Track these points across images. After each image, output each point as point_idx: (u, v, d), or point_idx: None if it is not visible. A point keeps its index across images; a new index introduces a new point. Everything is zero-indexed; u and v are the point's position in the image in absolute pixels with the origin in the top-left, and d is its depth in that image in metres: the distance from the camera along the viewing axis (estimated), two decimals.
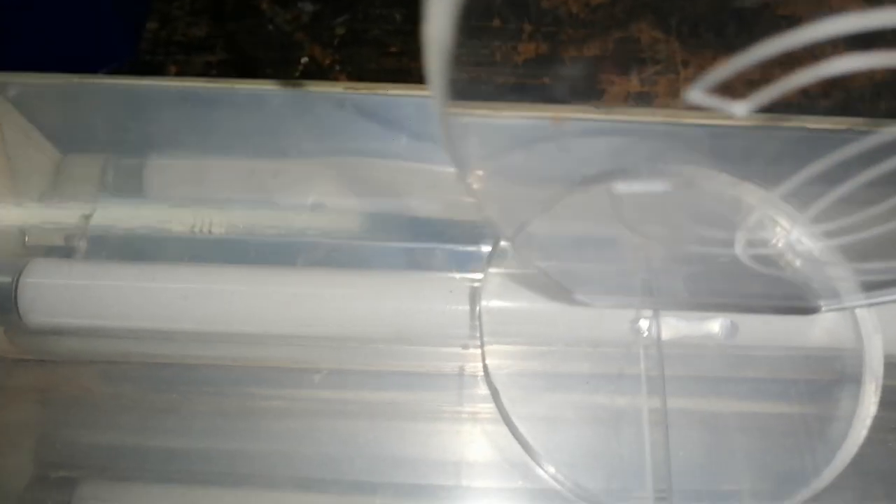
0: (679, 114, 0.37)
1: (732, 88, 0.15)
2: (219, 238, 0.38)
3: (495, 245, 0.33)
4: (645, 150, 0.38)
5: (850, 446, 0.30)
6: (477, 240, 0.36)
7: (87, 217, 0.40)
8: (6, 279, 0.32)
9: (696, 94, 0.16)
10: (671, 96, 0.51)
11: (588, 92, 0.43)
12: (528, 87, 0.50)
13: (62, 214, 0.40)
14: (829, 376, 0.32)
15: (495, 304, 0.31)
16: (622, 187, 0.23)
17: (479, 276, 0.32)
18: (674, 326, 0.31)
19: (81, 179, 0.42)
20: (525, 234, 0.31)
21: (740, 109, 0.15)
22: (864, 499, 0.30)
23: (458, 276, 0.33)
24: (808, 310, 0.30)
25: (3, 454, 0.36)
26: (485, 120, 0.37)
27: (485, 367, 0.31)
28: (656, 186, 0.23)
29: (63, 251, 0.38)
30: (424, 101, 0.37)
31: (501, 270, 0.32)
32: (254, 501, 0.36)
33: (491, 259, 0.33)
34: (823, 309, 0.30)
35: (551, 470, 0.30)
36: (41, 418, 0.38)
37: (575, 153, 0.38)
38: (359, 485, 0.34)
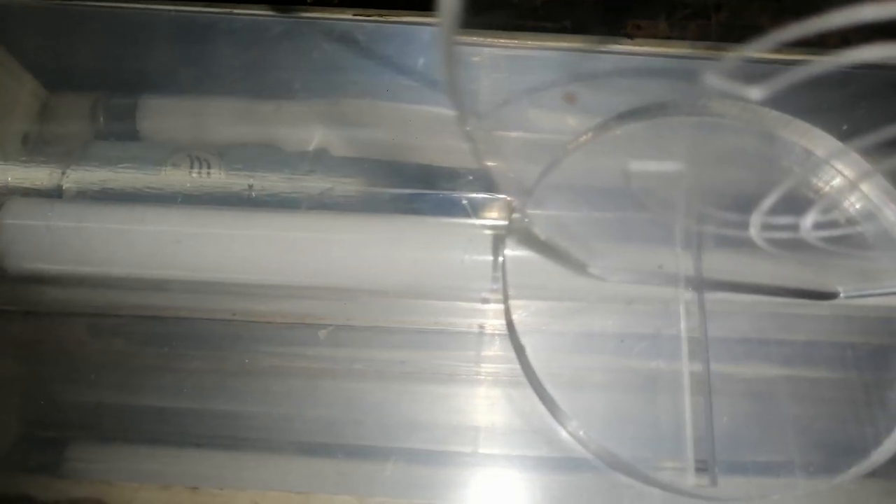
0: (718, 46, 0.34)
1: None
2: (217, 182, 0.35)
3: (521, 191, 0.30)
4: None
5: None
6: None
7: (76, 159, 0.37)
8: None
9: (711, 78, 0.16)
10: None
11: (612, 38, 0.39)
12: (547, 30, 0.46)
13: (48, 156, 0.37)
14: (890, 339, 0.29)
15: (521, 254, 0.28)
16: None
17: (502, 223, 0.29)
18: (718, 281, 0.28)
19: (69, 120, 0.39)
20: (534, 195, 0.28)
21: (755, 94, 0.15)
22: None
23: (478, 222, 0.30)
24: (826, 296, 0.27)
25: None
26: (494, 52, 0.34)
27: (509, 322, 0.28)
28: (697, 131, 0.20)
29: (48, 194, 0.35)
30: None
31: (527, 217, 0.29)
32: (252, 466, 0.33)
33: (516, 206, 0.30)
34: (842, 296, 0.27)
35: (581, 435, 0.27)
36: (27, 373, 0.35)
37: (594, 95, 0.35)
38: (367, 450, 0.31)
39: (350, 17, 0.33)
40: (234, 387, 0.34)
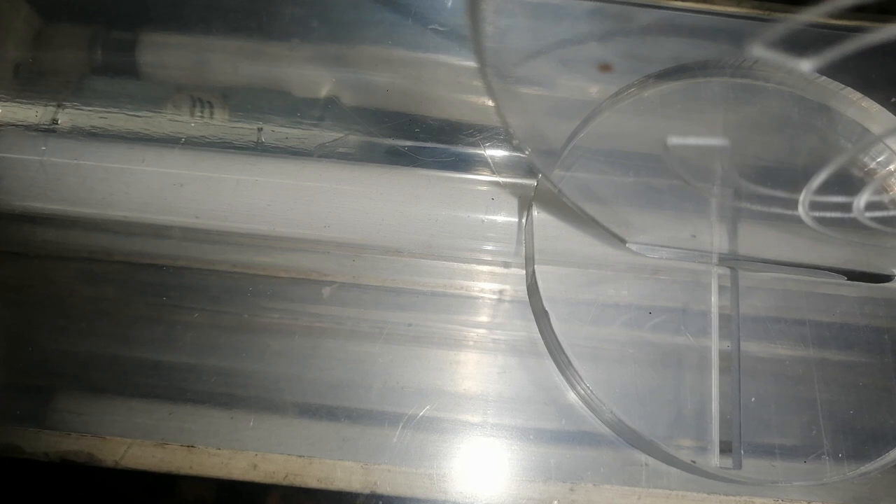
0: (767, 6, 0.32)
1: None
2: (221, 125, 0.33)
3: (548, 153, 0.28)
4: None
5: None
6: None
7: (70, 93, 0.34)
8: None
9: (758, 47, 0.15)
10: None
11: None
12: None
13: (40, 88, 0.35)
14: None
15: (547, 217, 0.27)
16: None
17: (529, 182, 0.27)
18: (755, 258, 0.27)
19: (65, 52, 0.37)
20: (562, 158, 0.26)
21: (806, 66, 0.14)
22: None
23: (502, 181, 0.28)
24: (880, 278, 0.26)
25: None
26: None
27: (531, 287, 0.26)
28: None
29: (39, 130, 0.33)
30: None
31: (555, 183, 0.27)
32: (250, 426, 0.31)
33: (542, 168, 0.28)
34: None
35: (602, 408, 0.26)
36: (14, 319, 0.33)
37: (631, 50, 0.32)
38: (371, 415, 0.30)
39: None
40: (233, 342, 0.32)
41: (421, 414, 0.29)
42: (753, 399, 0.26)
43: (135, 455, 0.25)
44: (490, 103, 0.33)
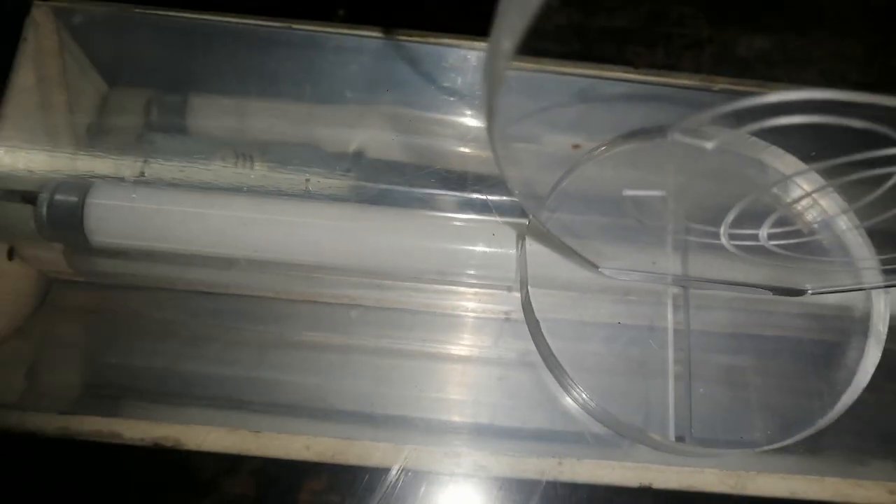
0: (711, 78, 0.39)
1: None
2: (274, 175, 0.40)
3: (536, 197, 0.36)
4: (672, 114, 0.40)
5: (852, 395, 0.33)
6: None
7: (131, 149, 0.41)
8: (73, 198, 0.34)
9: (676, 134, 0.21)
10: (693, 72, 0.52)
11: (615, 63, 0.45)
12: (556, 54, 0.51)
13: (107, 145, 0.41)
14: (837, 336, 0.35)
15: (538, 248, 0.34)
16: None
17: (522, 221, 0.35)
18: (701, 278, 0.34)
19: (127, 113, 0.43)
20: (551, 203, 0.33)
21: (709, 146, 0.21)
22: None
23: (500, 220, 0.35)
24: (796, 292, 0.33)
25: (54, 370, 0.38)
26: (514, 74, 0.39)
27: (525, 304, 0.33)
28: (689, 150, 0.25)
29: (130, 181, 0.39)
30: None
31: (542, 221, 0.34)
32: (287, 428, 0.38)
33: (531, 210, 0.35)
34: (809, 292, 0.33)
35: (588, 404, 0.32)
36: (91, 339, 0.40)
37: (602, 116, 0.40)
38: (392, 420, 0.36)
39: (390, 36, 0.38)
40: (277, 358, 0.39)
41: (436, 418, 0.36)
42: (702, 391, 0.33)
43: (213, 439, 0.31)
44: (487, 155, 0.41)
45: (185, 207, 0.34)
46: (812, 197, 0.31)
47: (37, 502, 0.33)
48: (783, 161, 0.34)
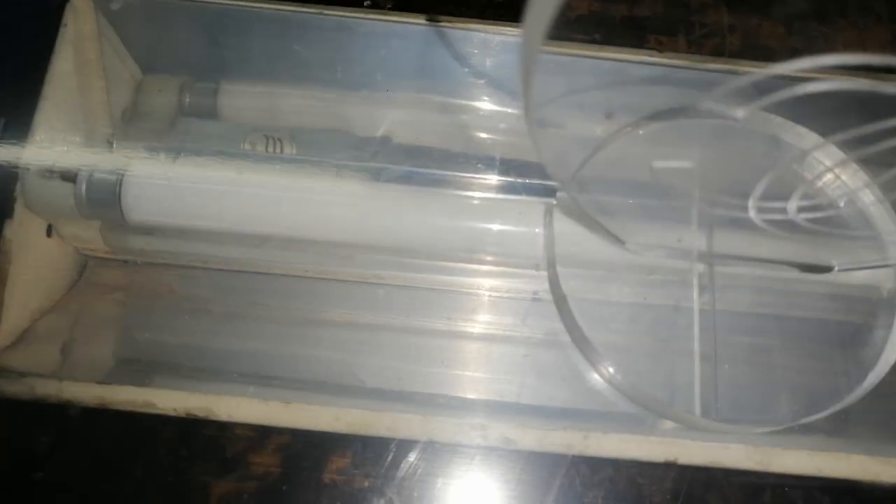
0: (736, 62, 0.40)
1: None
2: (290, 158, 0.40)
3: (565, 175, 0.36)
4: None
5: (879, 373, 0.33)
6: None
7: (164, 133, 0.42)
8: (111, 177, 0.35)
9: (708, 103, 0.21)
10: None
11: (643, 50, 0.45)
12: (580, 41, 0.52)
13: (141, 129, 0.43)
14: (863, 317, 0.35)
15: (565, 226, 0.34)
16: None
17: (549, 200, 0.35)
18: (726, 255, 0.34)
19: (160, 99, 0.44)
20: (579, 181, 0.34)
21: (740, 114, 0.21)
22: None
23: (527, 199, 0.36)
24: (823, 269, 0.33)
25: (88, 345, 0.39)
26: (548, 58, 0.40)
27: (553, 281, 0.34)
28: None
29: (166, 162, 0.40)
30: None
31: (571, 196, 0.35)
32: (315, 401, 0.38)
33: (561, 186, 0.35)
34: (836, 269, 0.33)
35: (613, 377, 0.33)
36: (125, 315, 0.41)
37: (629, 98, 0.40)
38: (418, 396, 0.37)
39: (419, 22, 0.39)
40: (306, 334, 0.39)
41: (463, 396, 0.36)
42: (727, 368, 0.33)
43: (245, 408, 0.32)
44: (517, 140, 0.41)
45: (218, 186, 0.35)
46: (839, 171, 0.31)
47: (71, 468, 0.34)
48: (808, 138, 0.34)
